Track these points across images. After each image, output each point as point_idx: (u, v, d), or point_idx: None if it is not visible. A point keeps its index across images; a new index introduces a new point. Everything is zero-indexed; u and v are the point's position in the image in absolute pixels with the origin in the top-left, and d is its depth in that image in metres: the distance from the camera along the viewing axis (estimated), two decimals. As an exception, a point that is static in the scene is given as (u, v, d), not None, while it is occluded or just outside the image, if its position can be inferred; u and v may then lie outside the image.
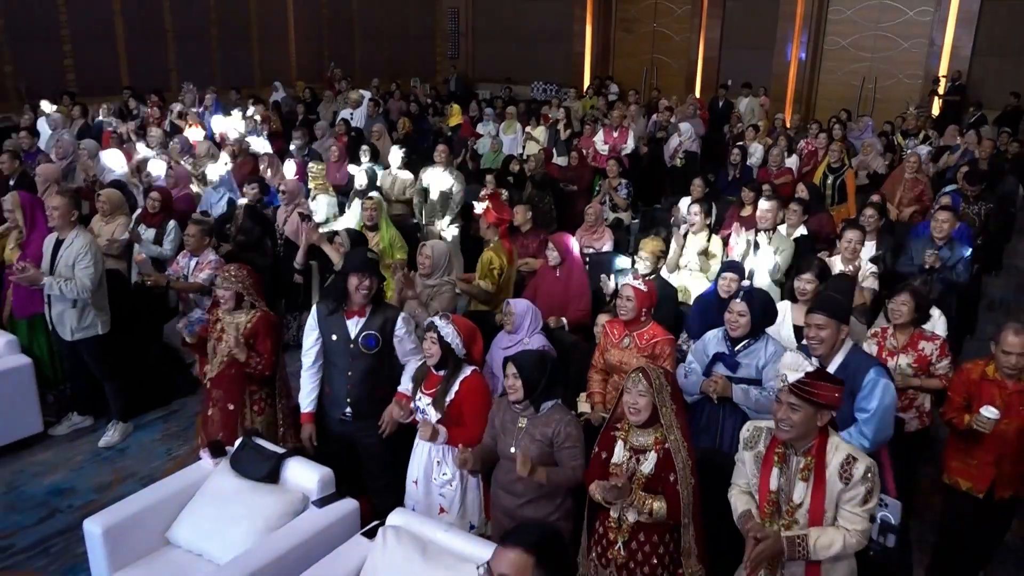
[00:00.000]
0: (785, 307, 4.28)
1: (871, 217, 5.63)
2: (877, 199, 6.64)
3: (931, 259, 5.15)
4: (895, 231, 6.62)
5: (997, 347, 3.47)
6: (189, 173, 7.52)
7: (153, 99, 11.59)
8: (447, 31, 20.02)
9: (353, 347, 3.80)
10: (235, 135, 9.21)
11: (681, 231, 5.84)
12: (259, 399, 4.13)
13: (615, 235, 6.73)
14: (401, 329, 3.84)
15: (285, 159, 8.26)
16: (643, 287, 3.89)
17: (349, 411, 3.87)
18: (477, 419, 3.48)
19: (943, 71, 14.37)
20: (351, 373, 3.83)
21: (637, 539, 3.02)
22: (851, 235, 4.92)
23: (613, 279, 5.15)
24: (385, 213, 5.99)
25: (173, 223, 6.01)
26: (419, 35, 19.52)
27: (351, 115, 11.26)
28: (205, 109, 11.73)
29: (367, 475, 3.98)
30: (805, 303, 4.14)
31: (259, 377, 4.04)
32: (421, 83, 16.33)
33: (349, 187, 7.66)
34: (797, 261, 5.15)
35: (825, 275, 4.47)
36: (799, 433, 2.64)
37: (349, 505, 3.47)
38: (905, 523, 3.76)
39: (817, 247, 5.70)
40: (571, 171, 8.88)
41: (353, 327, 3.81)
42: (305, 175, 7.25)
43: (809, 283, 4.22)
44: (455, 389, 3.50)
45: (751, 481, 2.81)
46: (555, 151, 10.28)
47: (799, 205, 5.72)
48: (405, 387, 3.80)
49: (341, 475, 3.64)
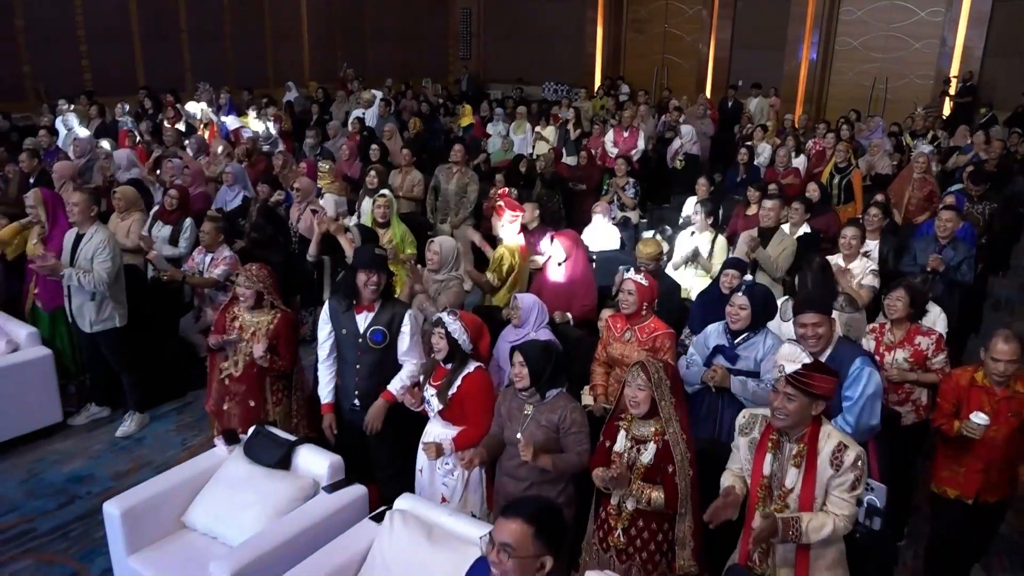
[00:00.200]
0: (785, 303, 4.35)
1: (875, 216, 5.68)
2: (881, 198, 6.69)
3: (934, 263, 5.16)
4: (899, 231, 6.67)
5: (986, 354, 3.48)
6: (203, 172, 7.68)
7: (168, 99, 11.77)
8: (459, 32, 20.14)
9: (361, 341, 3.90)
10: (249, 133, 9.37)
11: (687, 231, 5.93)
12: (276, 390, 4.26)
13: (622, 234, 6.84)
14: (406, 326, 3.91)
15: (297, 159, 8.41)
16: (644, 282, 3.98)
17: (357, 403, 3.97)
18: (479, 415, 3.57)
19: (954, 71, 14.34)
20: (359, 366, 3.93)
21: (636, 526, 3.12)
22: (849, 232, 4.99)
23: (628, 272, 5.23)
24: (395, 210, 6.12)
25: (189, 221, 6.14)
26: (431, 36, 19.65)
27: (363, 114, 11.41)
28: (219, 109, 11.90)
29: (376, 464, 4.08)
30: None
31: (280, 373, 4.17)
32: (432, 83, 16.45)
33: (359, 184, 7.79)
34: (799, 259, 5.22)
35: (826, 272, 4.55)
36: (794, 422, 2.73)
37: (358, 491, 3.58)
38: (899, 515, 3.85)
39: (824, 246, 5.77)
40: (580, 170, 8.97)
41: (362, 322, 3.91)
42: (316, 174, 7.39)
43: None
44: (457, 383, 3.59)
45: (745, 466, 2.91)
46: (565, 151, 10.38)
47: (801, 204, 5.79)
48: (394, 387, 3.87)
49: (351, 463, 3.75)
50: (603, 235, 6.55)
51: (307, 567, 3.10)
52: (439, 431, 3.65)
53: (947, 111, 13.83)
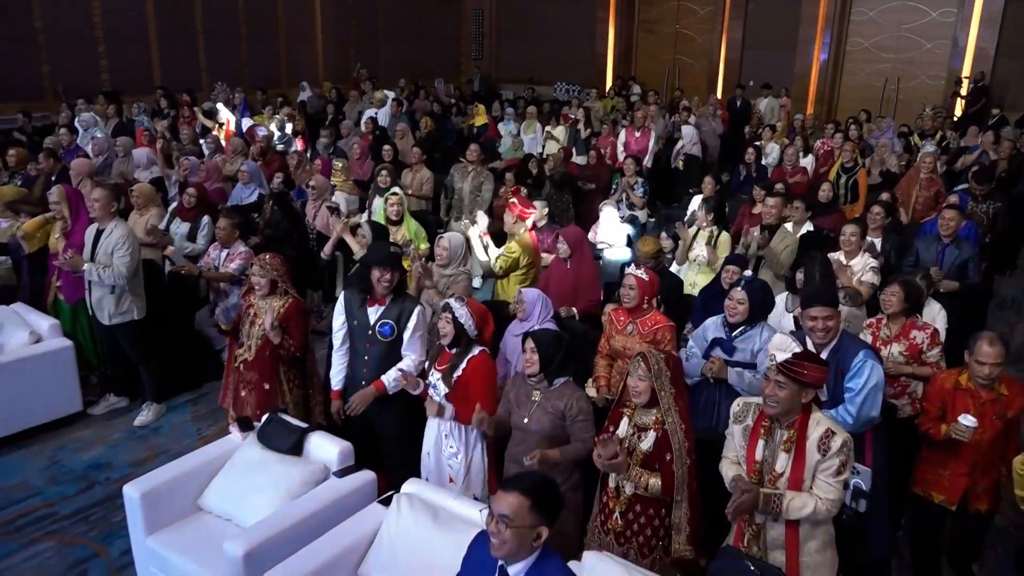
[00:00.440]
0: (786, 298, 4.45)
1: (877, 215, 5.76)
2: (887, 197, 6.75)
3: (934, 274, 5.17)
4: (904, 230, 6.73)
5: (971, 356, 3.46)
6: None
7: (184, 98, 11.96)
8: (471, 32, 20.28)
9: (371, 333, 4.04)
10: (263, 132, 9.54)
11: (691, 230, 6.02)
12: (292, 378, 4.41)
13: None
14: (412, 321, 4.03)
15: (311, 157, 8.57)
16: (645, 276, 4.08)
17: (365, 393, 4.10)
18: (482, 395, 3.68)
19: (966, 72, 14.33)
20: (367, 357, 4.07)
21: (634, 510, 3.23)
22: (849, 229, 5.08)
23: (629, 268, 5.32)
24: (407, 207, 6.28)
25: (207, 218, 6.31)
26: (443, 36, 19.81)
27: (375, 114, 11.56)
28: (234, 108, 12.09)
29: (384, 452, 4.21)
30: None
31: (290, 358, 4.30)
32: (444, 84, 16.59)
33: (370, 183, 7.93)
34: (801, 257, 5.30)
35: (826, 269, 4.63)
36: (784, 409, 2.84)
37: (366, 476, 3.71)
38: (896, 506, 3.92)
39: (831, 245, 5.84)
40: (589, 170, 9.09)
41: (373, 314, 4.05)
42: (330, 172, 7.55)
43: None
44: (463, 366, 3.72)
45: (739, 453, 3.02)
46: (575, 150, 10.49)
47: (801, 202, 5.87)
48: (387, 378, 3.98)
49: (360, 451, 3.88)
50: (613, 229, 6.63)
51: (317, 547, 3.23)
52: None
53: (959, 112, 13.82)
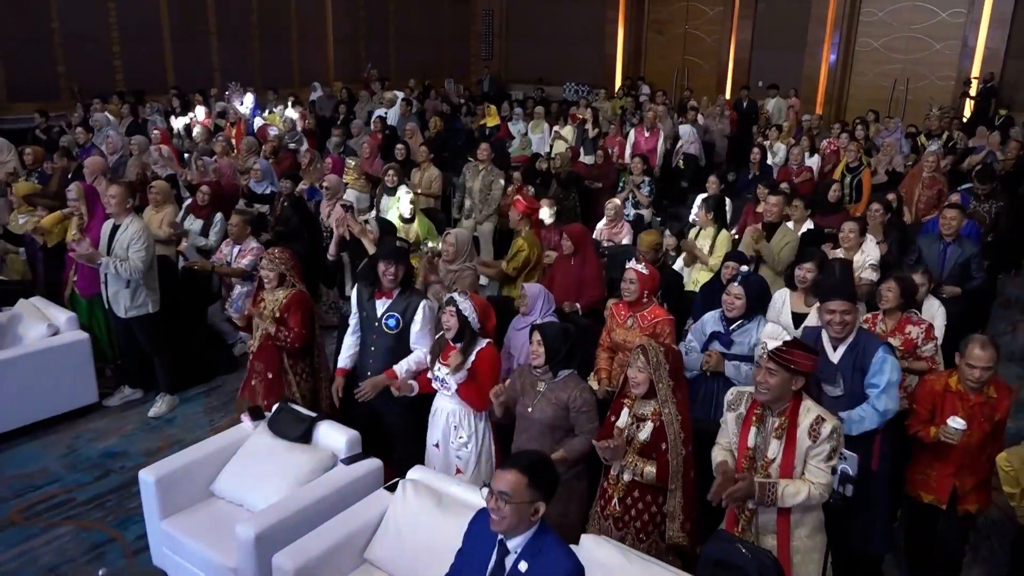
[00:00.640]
0: (785, 294, 4.55)
1: (876, 212, 5.84)
2: (892, 197, 6.82)
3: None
4: (907, 228, 6.78)
5: (962, 359, 3.48)
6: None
7: (197, 98, 12.12)
8: (481, 33, 20.39)
9: (377, 325, 4.16)
10: (275, 131, 9.70)
11: (693, 229, 6.11)
12: (299, 371, 4.53)
13: (635, 230, 7.02)
14: (419, 315, 4.14)
15: (321, 156, 8.71)
16: (645, 271, 4.18)
17: (370, 383, 4.22)
18: (491, 385, 3.79)
19: (975, 72, 14.32)
20: (373, 349, 4.20)
21: (631, 496, 3.33)
22: (848, 226, 5.16)
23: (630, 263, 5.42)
24: (417, 206, 6.41)
25: (219, 215, 6.45)
26: (453, 37, 19.93)
27: (385, 114, 11.69)
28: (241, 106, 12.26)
29: (390, 443, 4.32)
30: (804, 291, 4.42)
31: (291, 350, 4.41)
32: (454, 84, 16.71)
33: (379, 181, 8.05)
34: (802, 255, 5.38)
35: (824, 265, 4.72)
36: (775, 396, 2.93)
37: (373, 463, 3.83)
38: (893, 502, 3.99)
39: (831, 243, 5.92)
40: (596, 169, 9.17)
41: (380, 307, 4.17)
42: (342, 171, 7.68)
43: (810, 272, 4.46)
44: (472, 358, 3.83)
45: (732, 440, 3.11)
46: (582, 150, 10.57)
47: (801, 201, 5.95)
48: (400, 368, 4.09)
49: (368, 441, 4.00)
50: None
51: (325, 530, 3.35)
52: (449, 406, 3.89)
53: (968, 112, 13.82)
